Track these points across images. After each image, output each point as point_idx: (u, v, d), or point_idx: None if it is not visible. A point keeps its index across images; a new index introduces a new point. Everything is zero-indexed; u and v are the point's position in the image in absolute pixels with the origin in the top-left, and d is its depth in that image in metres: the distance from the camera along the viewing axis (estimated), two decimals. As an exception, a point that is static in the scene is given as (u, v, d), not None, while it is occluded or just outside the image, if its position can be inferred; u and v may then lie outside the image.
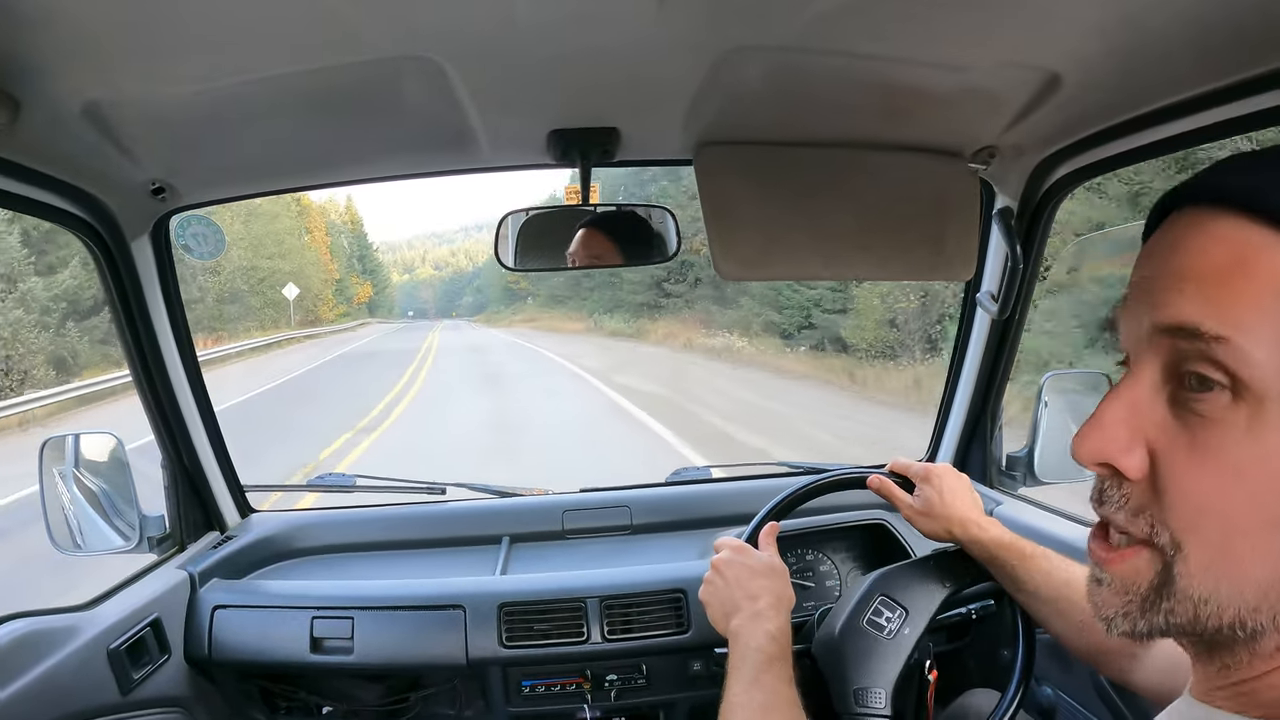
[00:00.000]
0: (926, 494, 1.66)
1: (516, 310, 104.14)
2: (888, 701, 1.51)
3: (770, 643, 1.33)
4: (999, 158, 1.74)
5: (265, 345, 39.67)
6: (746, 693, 1.27)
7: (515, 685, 1.99)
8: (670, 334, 38.06)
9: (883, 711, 1.50)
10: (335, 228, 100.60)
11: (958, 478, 1.67)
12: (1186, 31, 1.12)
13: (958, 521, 1.59)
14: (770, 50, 1.27)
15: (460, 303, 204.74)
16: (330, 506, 2.66)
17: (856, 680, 1.53)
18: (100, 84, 1.24)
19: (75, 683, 1.60)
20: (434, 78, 1.31)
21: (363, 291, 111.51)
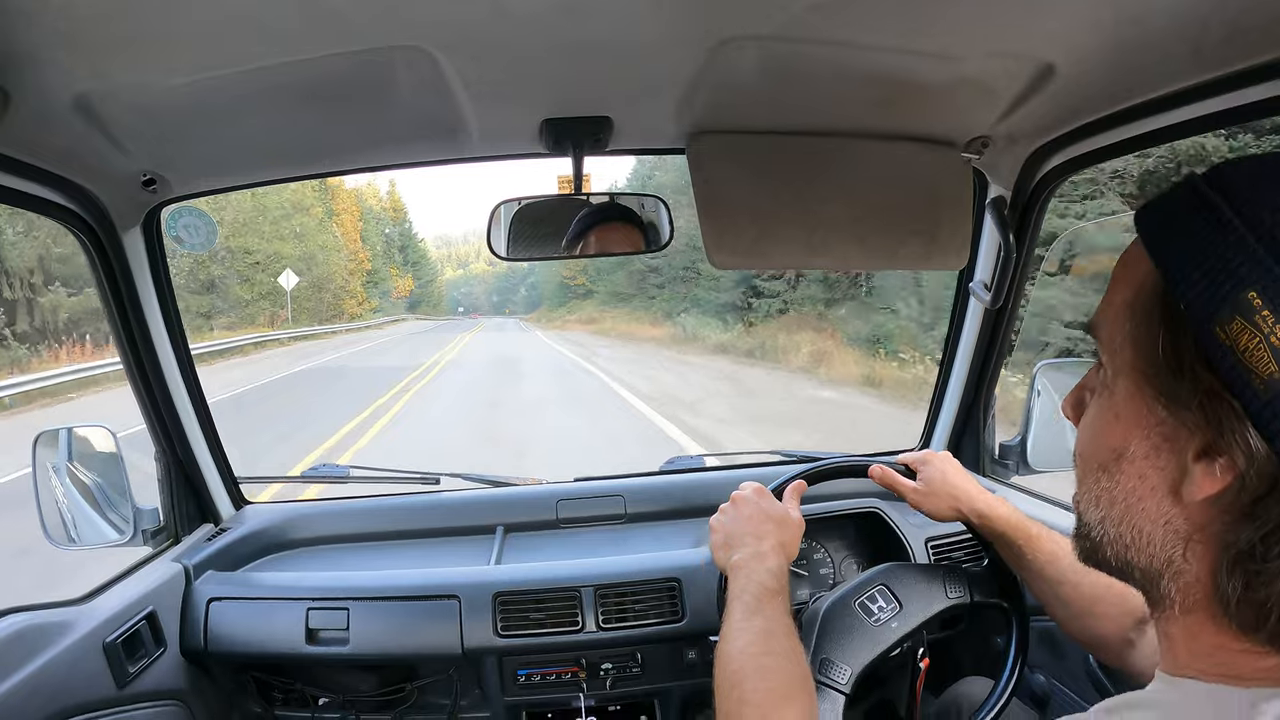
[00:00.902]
0: (928, 474, 1.68)
1: (573, 309, 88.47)
2: (850, 680, 1.52)
3: (770, 578, 1.35)
4: (992, 147, 1.74)
5: (210, 352, 28.65)
6: (747, 619, 1.28)
7: (511, 674, 1.99)
8: (823, 354, 23.15)
9: (841, 686, 1.52)
10: (372, 214, 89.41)
11: (954, 462, 1.69)
12: (1180, 24, 1.12)
13: (964, 498, 1.61)
14: (764, 39, 1.27)
15: (514, 299, 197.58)
16: (325, 498, 2.66)
17: (826, 650, 1.56)
18: (90, 75, 1.23)
19: (71, 676, 1.60)
20: (425, 68, 1.30)
21: (402, 285, 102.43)
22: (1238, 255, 0.59)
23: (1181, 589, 0.67)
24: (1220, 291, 0.59)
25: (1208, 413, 0.62)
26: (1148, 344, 0.67)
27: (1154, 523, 0.68)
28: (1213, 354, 0.60)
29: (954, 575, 1.67)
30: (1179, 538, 0.66)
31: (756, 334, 29.37)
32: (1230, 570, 0.62)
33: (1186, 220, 0.64)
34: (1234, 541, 0.61)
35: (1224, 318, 0.59)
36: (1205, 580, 0.65)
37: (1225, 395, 0.60)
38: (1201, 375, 0.62)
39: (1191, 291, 0.62)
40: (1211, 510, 0.63)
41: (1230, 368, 0.59)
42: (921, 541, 2.07)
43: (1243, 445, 0.59)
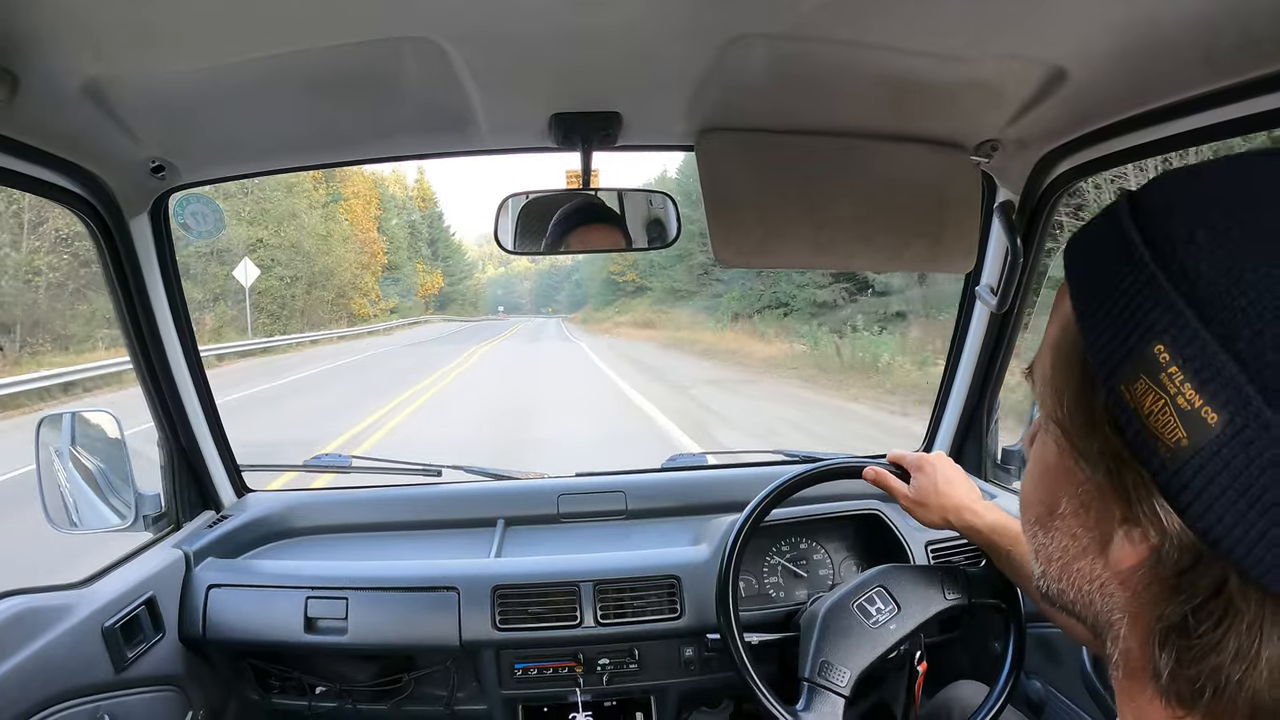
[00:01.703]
0: (921, 483, 1.67)
1: (622, 308, 75.79)
2: (850, 683, 1.54)
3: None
4: (1001, 151, 1.73)
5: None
6: None
7: (508, 667, 1.99)
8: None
9: (841, 690, 1.53)
10: (394, 201, 76.13)
11: (952, 466, 1.68)
12: (1194, 31, 1.12)
13: (953, 508, 1.60)
14: (775, 37, 1.27)
15: (556, 298, 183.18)
16: (326, 487, 2.66)
17: (826, 653, 1.58)
18: (99, 61, 1.24)
19: (70, 660, 1.61)
20: (435, 59, 1.30)
21: (430, 281, 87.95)
22: (1146, 298, 0.52)
23: (1122, 654, 0.61)
24: (1126, 344, 0.53)
25: (1115, 481, 0.56)
26: (1062, 394, 0.61)
27: (1090, 584, 0.62)
28: (1119, 416, 0.54)
29: (952, 577, 1.67)
30: (1114, 603, 0.61)
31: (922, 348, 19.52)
32: (1161, 644, 0.56)
33: (1100, 255, 0.58)
34: (1163, 615, 0.55)
35: (1127, 375, 0.52)
36: (1140, 650, 0.59)
37: (1132, 463, 0.53)
38: (1110, 437, 0.55)
39: (1098, 342, 0.55)
40: (1140, 580, 0.57)
41: (1135, 433, 0.52)
42: (921, 544, 2.06)
43: (1152, 517, 0.53)
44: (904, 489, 1.69)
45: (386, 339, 47.00)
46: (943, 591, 1.66)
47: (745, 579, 2.10)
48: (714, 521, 2.15)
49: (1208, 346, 0.49)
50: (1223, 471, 0.49)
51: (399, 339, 46.94)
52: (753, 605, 2.02)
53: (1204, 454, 0.49)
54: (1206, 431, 0.49)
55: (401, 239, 74.42)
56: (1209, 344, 0.49)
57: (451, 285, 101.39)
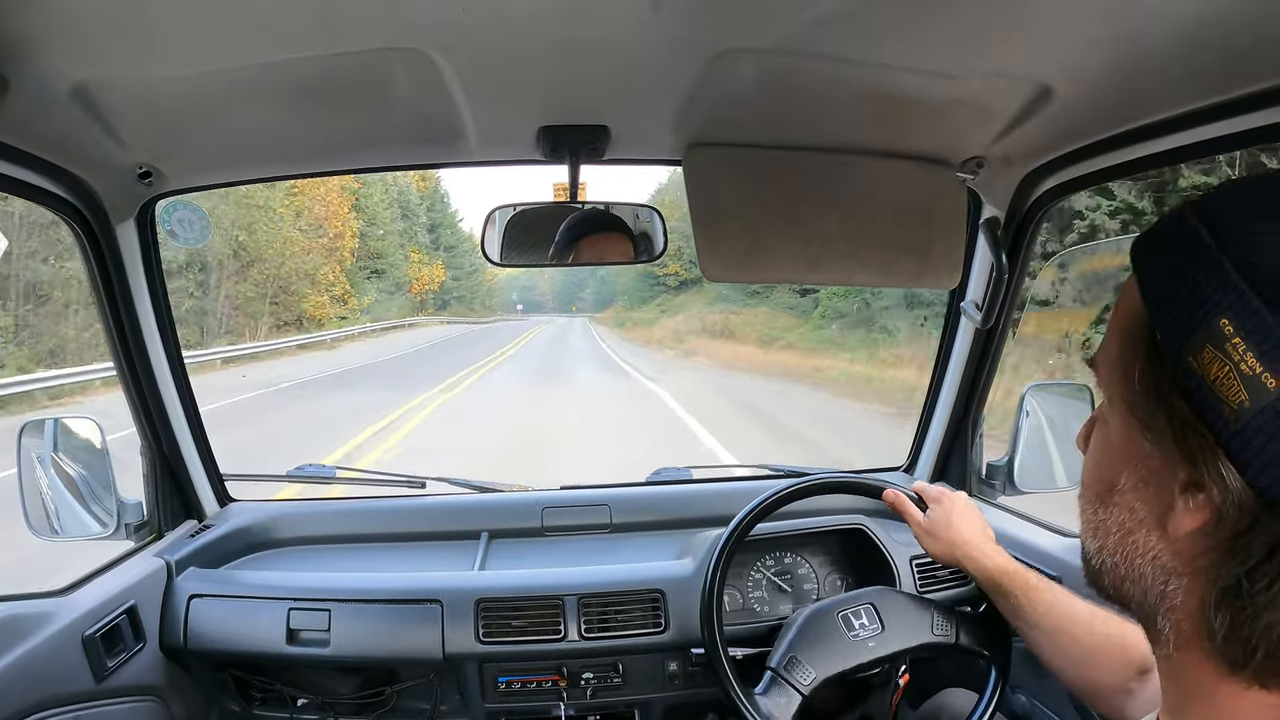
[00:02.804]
0: (935, 514, 1.68)
1: (666, 306, 62.10)
2: (812, 684, 1.55)
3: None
4: (987, 168, 1.75)
5: None
6: None
7: (491, 681, 1.98)
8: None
9: (801, 687, 1.54)
10: (381, 176, 42.83)
11: (969, 506, 1.68)
12: (1178, 49, 1.13)
13: (961, 544, 1.61)
14: (763, 53, 1.27)
15: (581, 295, 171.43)
16: (310, 498, 2.65)
17: (798, 650, 1.59)
18: (89, 65, 1.24)
19: (49, 669, 1.59)
20: (424, 70, 1.31)
21: (428, 275, 71.38)
22: (1212, 281, 0.58)
23: (1174, 625, 0.65)
24: (1194, 319, 0.58)
25: (1182, 445, 0.60)
26: (1131, 374, 0.65)
27: (1144, 557, 0.66)
28: (1186, 384, 0.59)
29: (945, 613, 1.68)
30: (1168, 573, 0.64)
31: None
32: (1217, 606, 0.60)
33: (1169, 248, 0.63)
34: (1219, 577, 0.59)
35: (1195, 346, 0.58)
36: (1195, 616, 0.63)
37: (1198, 426, 0.58)
38: (1177, 405, 0.60)
39: (1167, 320, 0.61)
40: (1197, 545, 0.61)
41: (1202, 398, 0.58)
42: (906, 560, 2.06)
43: (1216, 478, 0.57)
44: (919, 516, 1.70)
45: (325, 359, 29.66)
46: (931, 626, 1.66)
47: (730, 593, 2.10)
48: (699, 535, 2.14)
49: (1266, 321, 0.55)
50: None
51: (341, 358, 29.67)
52: (737, 619, 2.02)
53: (1265, 414, 0.54)
54: (1266, 394, 0.54)
55: (387, 221, 58.68)
56: (1268, 319, 0.55)
57: (456, 280, 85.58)
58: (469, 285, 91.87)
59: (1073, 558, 1.87)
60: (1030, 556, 1.91)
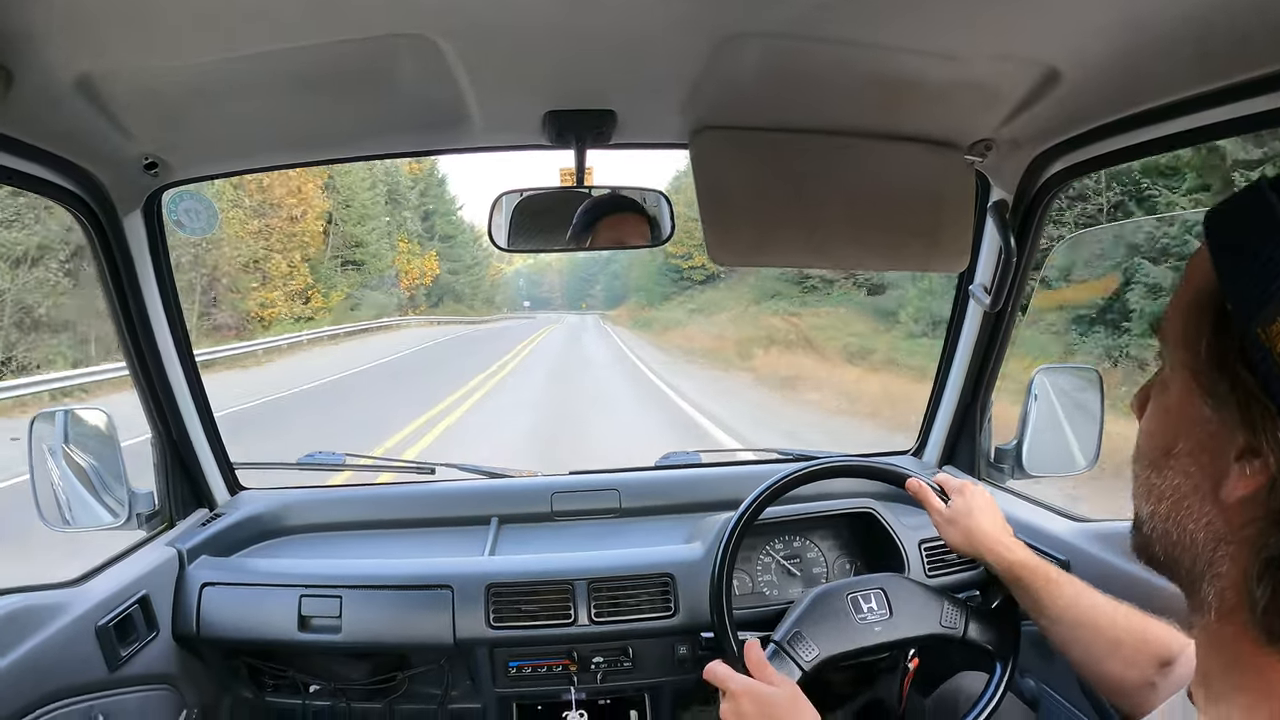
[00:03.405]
0: (957, 505, 1.68)
1: (695, 303, 51.56)
2: (814, 662, 1.55)
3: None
4: (995, 150, 1.74)
5: None
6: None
7: (502, 666, 1.99)
8: None
9: (803, 663, 1.54)
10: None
11: (989, 500, 1.69)
12: (1188, 31, 1.12)
13: (980, 535, 1.61)
14: (769, 36, 1.27)
15: (592, 291, 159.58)
16: (320, 485, 2.65)
17: (804, 626, 1.60)
18: (93, 56, 1.23)
19: (63, 659, 1.60)
20: (429, 56, 1.31)
21: (422, 267, 62.18)
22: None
23: (1218, 593, 0.67)
24: (1266, 291, 0.59)
25: (1244, 413, 0.62)
26: (1197, 342, 0.67)
27: (1196, 522, 0.68)
28: (1252, 355, 0.60)
29: (955, 606, 1.67)
30: (1218, 539, 0.66)
31: None
32: (1260, 576, 0.61)
33: (1244, 222, 0.64)
34: (1265, 546, 0.61)
35: (1265, 318, 0.59)
36: (1239, 585, 0.64)
37: (1261, 396, 0.60)
38: (1242, 375, 0.62)
39: (1238, 292, 0.62)
40: (1248, 512, 0.63)
41: (1268, 369, 0.59)
42: (915, 544, 2.06)
43: (1274, 445, 0.59)
44: (940, 506, 1.71)
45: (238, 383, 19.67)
46: (940, 617, 1.66)
47: (739, 577, 2.10)
48: (708, 519, 2.14)
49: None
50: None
51: (259, 382, 20.38)
52: (746, 603, 2.02)
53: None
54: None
55: (368, 204, 49.33)
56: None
57: (454, 273, 74.93)
58: (469, 280, 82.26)
59: (1082, 542, 1.87)
60: (1039, 541, 1.91)
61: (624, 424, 14.17)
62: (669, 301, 62.73)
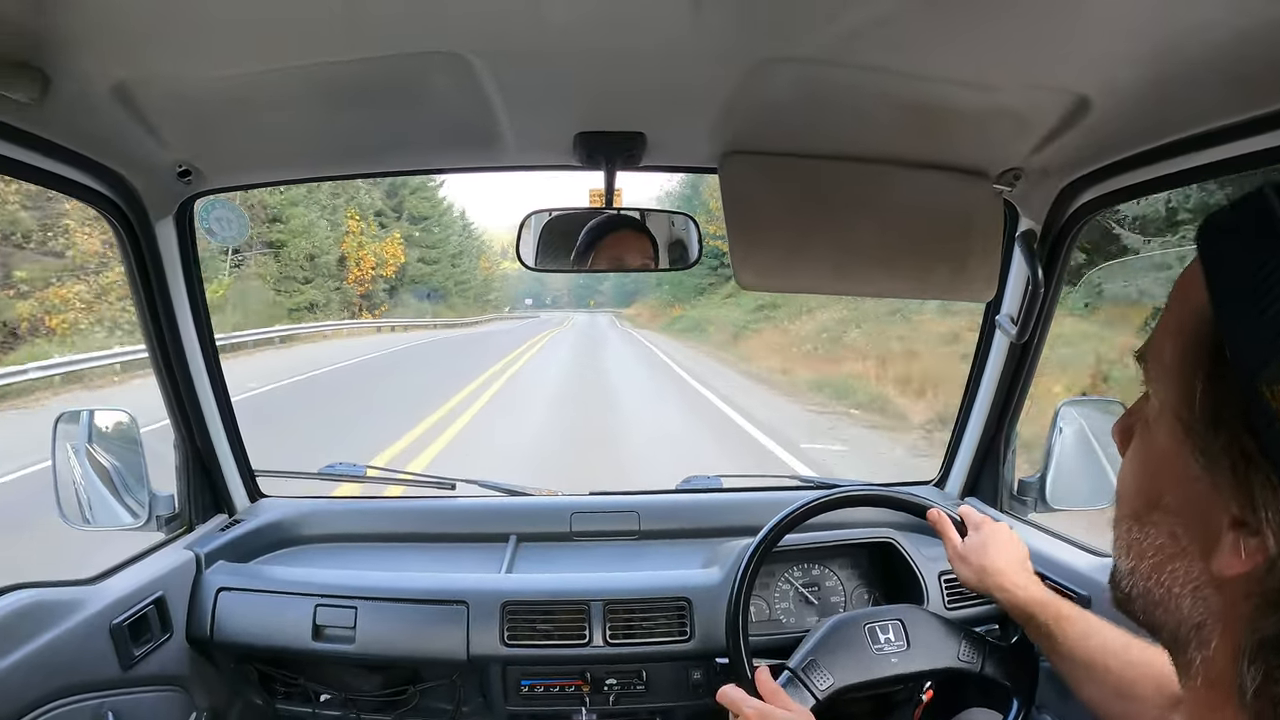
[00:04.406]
0: (972, 541, 1.64)
1: (739, 293, 37.83)
2: (828, 691, 1.54)
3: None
4: (1024, 180, 1.73)
5: None
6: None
7: (514, 684, 1.99)
8: None
9: (817, 691, 1.53)
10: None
11: (1011, 537, 1.64)
12: (1219, 61, 1.12)
13: (993, 574, 1.57)
14: (800, 62, 1.27)
15: (600, 288, 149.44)
16: (340, 496, 2.67)
17: (819, 655, 1.58)
18: (130, 64, 1.25)
19: (77, 655, 1.61)
20: (462, 74, 1.32)
21: (379, 254, 49.97)
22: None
23: (1205, 661, 0.61)
24: (1276, 343, 0.50)
25: (1239, 479, 0.54)
26: (1190, 386, 0.58)
27: (1183, 587, 0.61)
28: (1254, 413, 0.51)
29: (973, 641, 1.65)
30: (1208, 609, 0.60)
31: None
32: (1252, 658, 0.55)
33: (1250, 244, 0.54)
34: (1259, 627, 0.54)
35: (1271, 376, 0.50)
36: (1229, 661, 0.58)
37: (1262, 464, 0.52)
38: (1240, 435, 0.53)
39: (1240, 334, 0.53)
40: (1241, 588, 0.56)
41: (1274, 435, 0.50)
42: (935, 576, 2.04)
43: (1275, 524, 0.51)
44: (956, 539, 1.67)
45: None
46: (958, 652, 1.64)
47: (756, 603, 2.08)
48: (727, 544, 2.13)
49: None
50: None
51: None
52: (763, 630, 2.00)
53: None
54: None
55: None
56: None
57: (429, 264, 61.09)
58: (452, 273, 66.67)
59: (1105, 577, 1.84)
60: (1061, 575, 1.89)
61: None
62: (707, 296, 50.84)
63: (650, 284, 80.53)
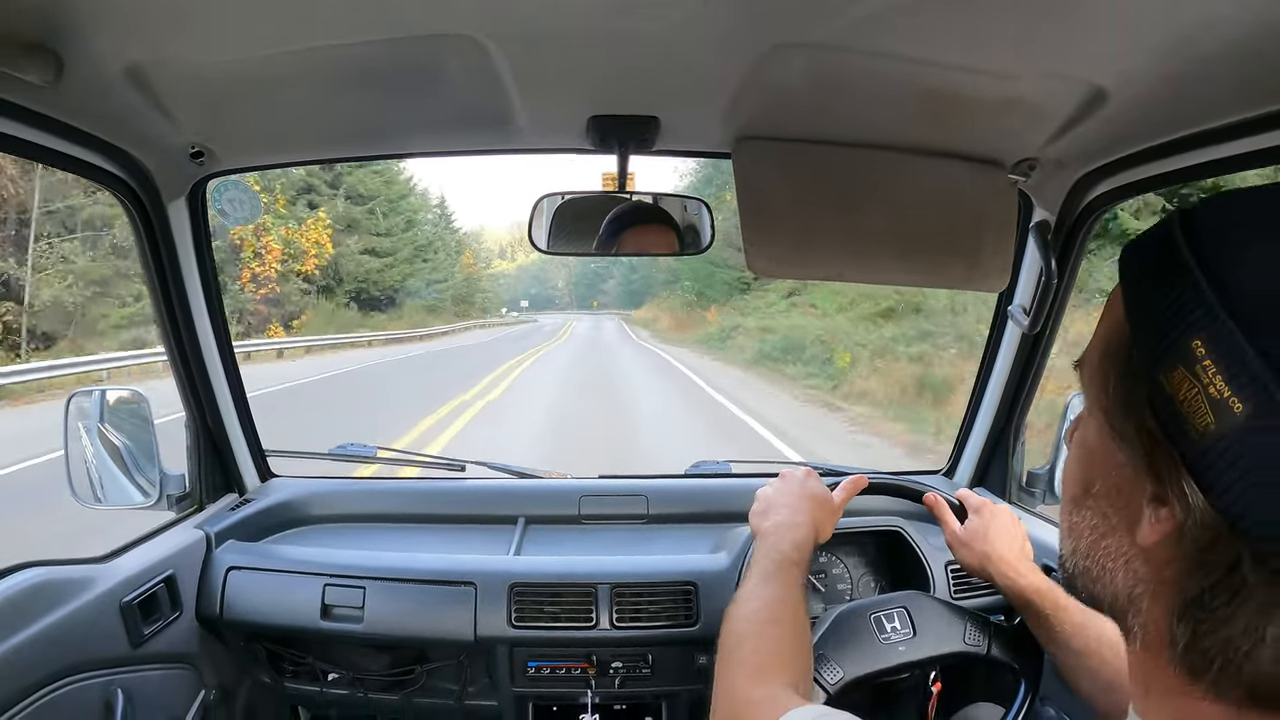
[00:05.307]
0: (973, 524, 1.64)
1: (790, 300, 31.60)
2: (839, 684, 1.52)
3: (793, 549, 1.39)
4: (1039, 170, 1.72)
5: None
6: (761, 585, 1.32)
7: (521, 665, 2.00)
8: None
9: (828, 685, 1.53)
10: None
11: (1013, 522, 1.65)
12: (1238, 56, 1.11)
13: (994, 558, 1.57)
14: (815, 48, 1.26)
15: (603, 287, 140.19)
16: (349, 476, 2.67)
17: (825, 648, 1.56)
18: (143, 45, 1.25)
19: (87, 633, 1.63)
20: (476, 57, 1.31)
21: (296, 241, 39.15)
22: (1188, 300, 0.58)
23: (1141, 626, 0.67)
24: (1168, 338, 0.59)
25: (1149, 460, 0.62)
26: (1107, 383, 0.67)
27: (1115, 560, 0.68)
28: (1157, 401, 0.60)
29: (978, 624, 1.65)
30: (1137, 578, 0.67)
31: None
32: (1180, 616, 0.62)
33: (1151, 261, 0.64)
34: (1184, 589, 0.61)
35: (1167, 366, 0.59)
36: (1160, 623, 0.64)
37: (1165, 444, 0.60)
38: (1147, 421, 0.62)
39: (1143, 336, 0.62)
40: (1164, 555, 0.63)
41: (1170, 416, 0.59)
42: (941, 565, 2.04)
43: (1179, 495, 0.59)
44: (955, 524, 1.67)
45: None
46: (964, 635, 1.63)
47: None
48: (735, 530, 2.14)
49: (1238, 345, 0.54)
50: (1244, 455, 0.55)
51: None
52: None
53: (1228, 439, 0.55)
54: (1232, 419, 0.55)
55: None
56: (1240, 342, 0.54)
57: (375, 255, 48.66)
58: (413, 270, 53.77)
59: None
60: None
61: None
62: (755, 295, 37.04)
63: (659, 279, 73.72)
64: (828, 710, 0.94)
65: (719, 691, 1.16)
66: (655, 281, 78.16)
